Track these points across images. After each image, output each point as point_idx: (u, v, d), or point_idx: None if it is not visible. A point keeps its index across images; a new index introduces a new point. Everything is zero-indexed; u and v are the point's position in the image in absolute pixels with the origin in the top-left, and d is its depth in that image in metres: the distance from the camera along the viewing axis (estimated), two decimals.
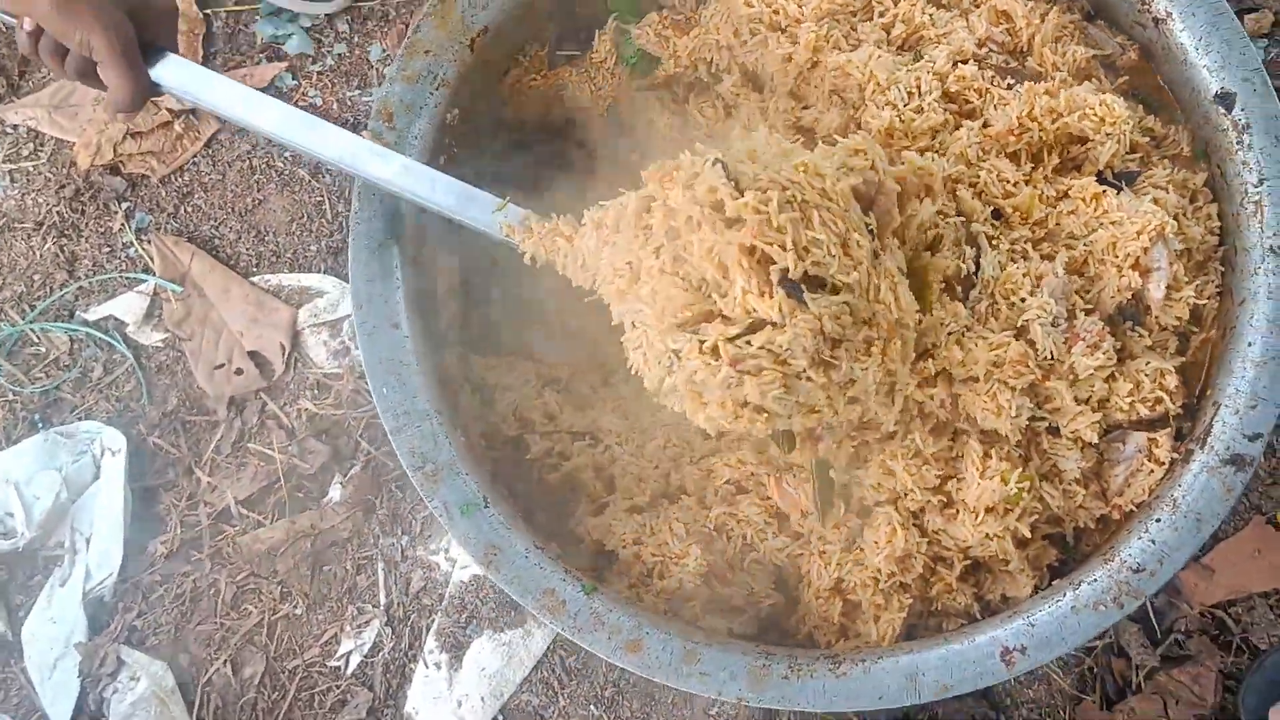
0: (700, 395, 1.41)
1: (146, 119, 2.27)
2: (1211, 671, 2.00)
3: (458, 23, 1.75)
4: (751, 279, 1.32)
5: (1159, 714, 1.98)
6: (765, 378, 1.35)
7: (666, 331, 1.38)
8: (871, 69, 1.68)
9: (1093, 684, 2.03)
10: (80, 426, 2.20)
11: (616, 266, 1.43)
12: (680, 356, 1.38)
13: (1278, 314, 1.63)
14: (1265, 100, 1.69)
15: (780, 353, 1.34)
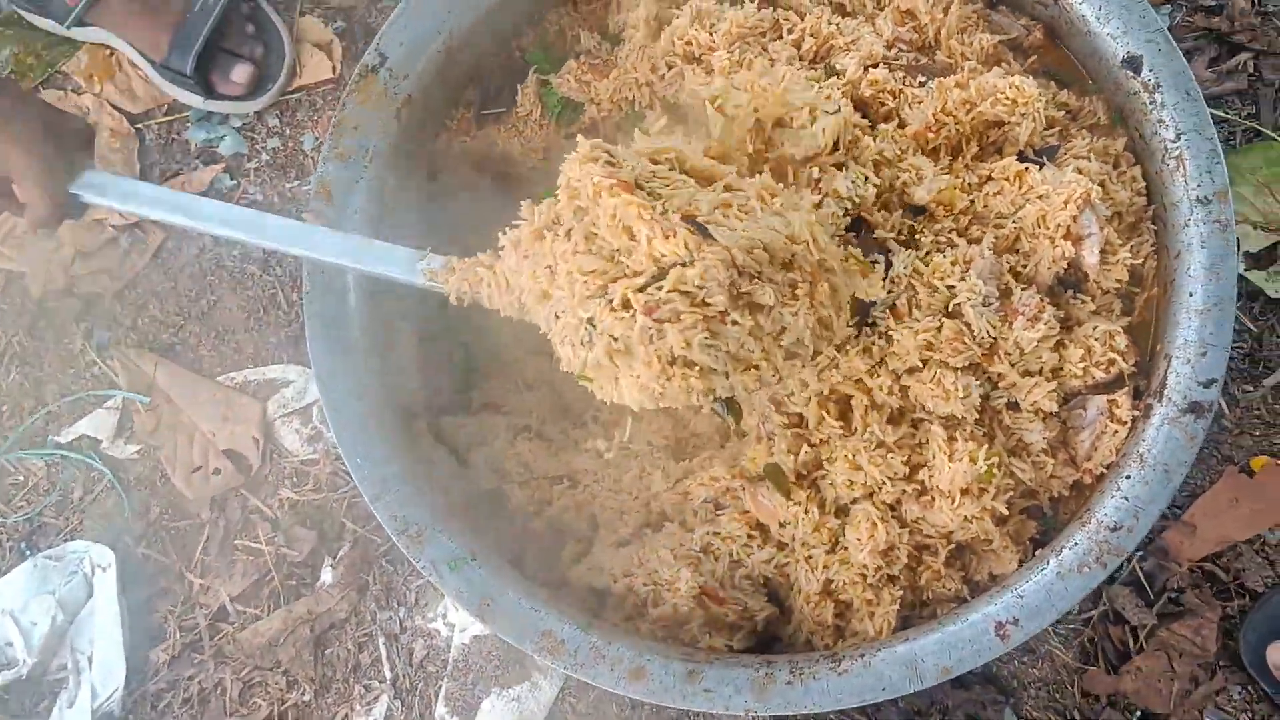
0: (626, 359, 1.37)
1: (92, 238, 2.29)
2: (1212, 621, 2.02)
3: (381, 96, 1.79)
4: (655, 226, 1.33)
5: (1165, 668, 2.00)
6: (686, 321, 1.32)
7: (579, 304, 1.37)
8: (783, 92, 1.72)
9: (1095, 654, 2.05)
10: (68, 548, 2.20)
11: (536, 273, 1.44)
12: (595, 323, 1.36)
13: (1213, 261, 1.67)
14: (1171, 58, 1.74)
15: (695, 291, 1.32)
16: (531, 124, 1.93)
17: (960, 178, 1.73)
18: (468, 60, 1.92)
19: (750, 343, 1.37)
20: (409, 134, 1.85)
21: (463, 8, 1.83)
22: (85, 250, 2.29)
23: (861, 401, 1.69)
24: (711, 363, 1.36)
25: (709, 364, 1.36)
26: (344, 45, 2.35)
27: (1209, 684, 2.00)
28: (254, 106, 2.32)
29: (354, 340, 1.74)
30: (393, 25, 1.80)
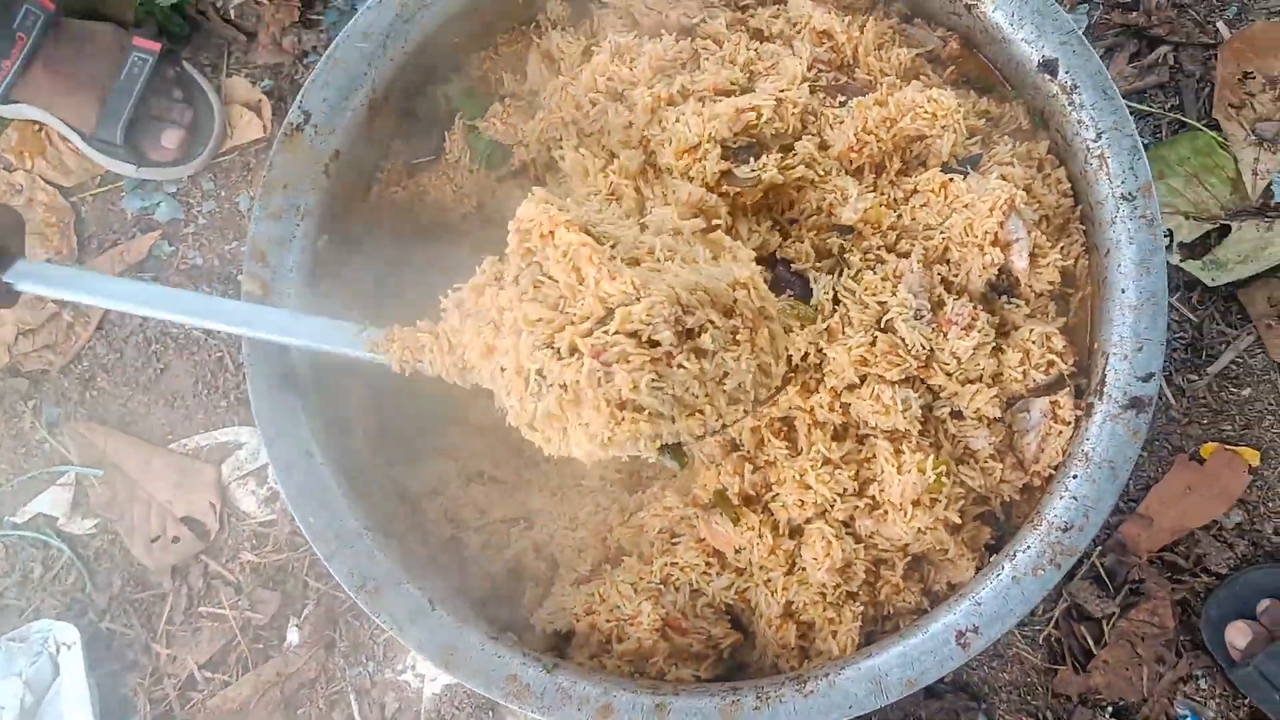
0: (576, 407, 1.37)
1: (35, 315, 2.29)
2: (1165, 600, 2.04)
3: (307, 152, 1.79)
4: (603, 269, 1.34)
5: (1130, 656, 2.02)
6: (633, 362, 1.33)
7: (527, 356, 1.37)
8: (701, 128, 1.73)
9: (1061, 652, 2.06)
10: (32, 628, 2.19)
11: (480, 329, 1.45)
12: (544, 374, 1.36)
13: (1143, 256, 1.68)
14: (1086, 59, 1.75)
15: (641, 329, 1.33)
16: (461, 170, 1.93)
17: (885, 194, 1.74)
18: (392, 111, 1.92)
19: (695, 387, 1.38)
20: (339, 189, 1.84)
21: (383, 60, 1.83)
22: (27, 327, 2.29)
23: (804, 421, 1.70)
24: (659, 406, 1.36)
25: (656, 408, 1.36)
26: (273, 103, 2.36)
27: (1175, 666, 2.02)
28: (187, 171, 2.32)
29: (299, 398, 1.73)
30: (314, 82, 1.80)
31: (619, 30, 1.88)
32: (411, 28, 1.85)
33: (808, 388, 1.69)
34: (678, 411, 1.39)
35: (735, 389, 1.42)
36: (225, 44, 2.39)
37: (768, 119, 1.70)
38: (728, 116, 1.69)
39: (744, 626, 1.77)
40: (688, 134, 1.68)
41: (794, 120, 1.72)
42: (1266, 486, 2.11)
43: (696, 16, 1.86)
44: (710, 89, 1.75)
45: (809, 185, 1.72)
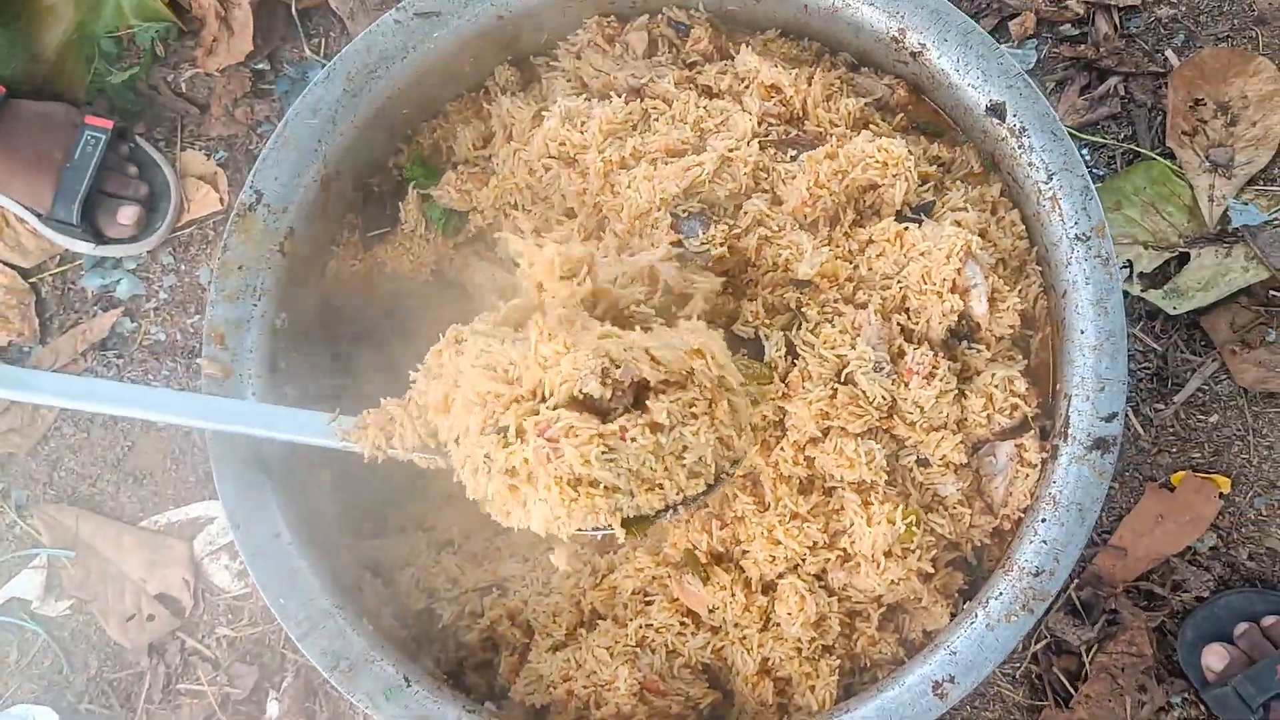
0: (528, 486, 1.38)
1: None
2: (1143, 629, 2.04)
3: (261, 232, 1.79)
4: (543, 332, 1.35)
5: (1112, 689, 2.01)
6: (581, 435, 1.34)
7: (475, 441, 1.39)
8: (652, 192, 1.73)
9: (1043, 688, 2.06)
10: (10, 713, 2.18)
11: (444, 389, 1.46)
12: (490, 457, 1.38)
13: (1099, 296, 1.68)
14: (1034, 101, 1.75)
15: (581, 396, 1.35)
16: (418, 239, 1.93)
17: (841, 247, 1.74)
18: (346, 186, 1.91)
19: (651, 461, 1.38)
20: (295, 267, 1.84)
21: (333, 135, 1.82)
22: None
23: (769, 475, 1.70)
24: (613, 480, 1.37)
25: (611, 481, 1.37)
26: (228, 174, 2.35)
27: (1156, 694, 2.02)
28: (145, 247, 2.31)
29: (265, 477, 1.72)
30: (265, 161, 1.80)
31: (568, 93, 1.88)
32: (360, 101, 1.85)
33: (768, 445, 1.70)
34: (635, 485, 1.39)
35: (695, 463, 1.42)
36: (178, 118, 2.39)
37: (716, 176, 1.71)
38: (675, 177, 1.69)
39: (722, 685, 1.77)
40: (639, 200, 1.68)
41: (746, 179, 1.73)
42: (1239, 512, 2.11)
43: (644, 76, 1.86)
44: (662, 150, 1.75)
45: (764, 242, 1.72)
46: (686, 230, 1.70)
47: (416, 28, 1.86)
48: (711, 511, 1.74)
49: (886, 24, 1.83)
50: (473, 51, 1.93)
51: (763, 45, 1.93)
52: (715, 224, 1.70)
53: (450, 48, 1.89)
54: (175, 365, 2.30)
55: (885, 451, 1.67)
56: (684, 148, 1.77)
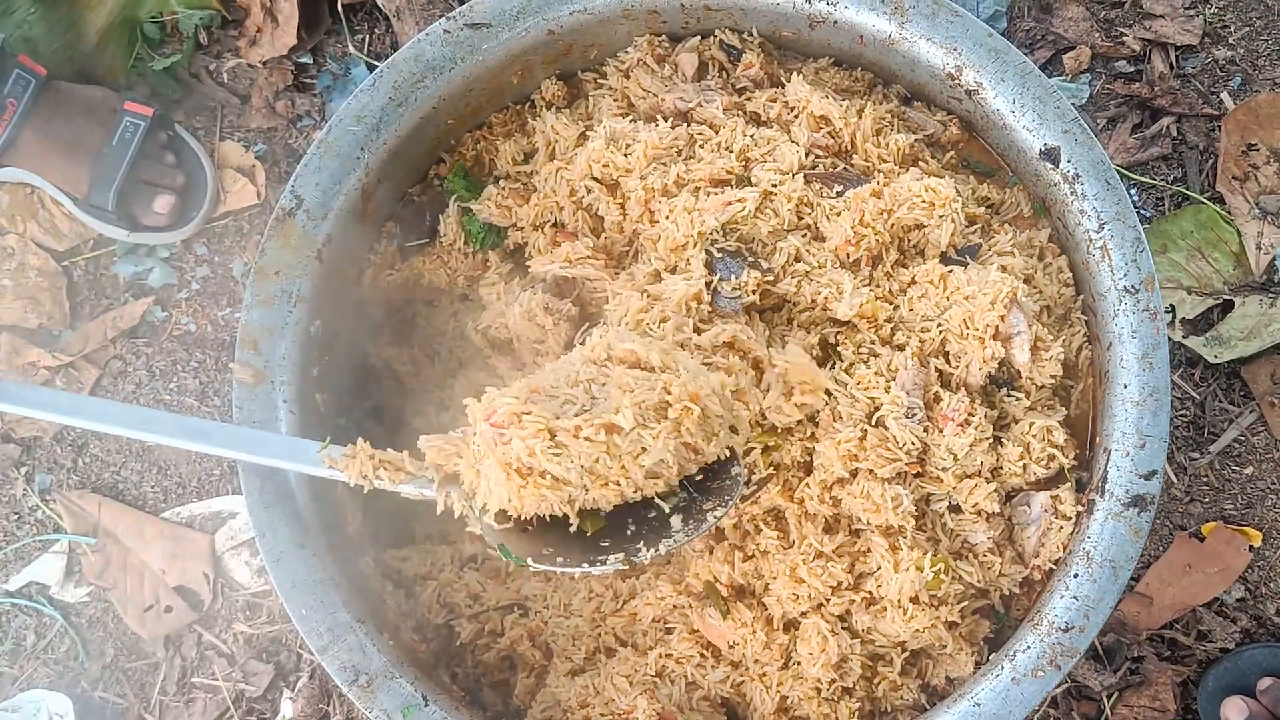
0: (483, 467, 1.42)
1: (27, 381, 2.27)
2: (1167, 685, 2.02)
3: (300, 238, 1.77)
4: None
5: None
6: (528, 428, 1.35)
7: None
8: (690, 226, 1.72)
9: None
10: (25, 697, 2.18)
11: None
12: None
13: (1145, 350, 1.66)
14: (1089, 148, 1.73)
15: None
16: (456, 253, 1.91)
17: (882, 287, 1.72)
18: (386, 194, 1.90)
19: (606, 459, 1.38)
20: (332, 274, 1.82)
21: (376, 144, 1.81)
22: None
23: (794, 512, 1.68)
24: (563, 474, 1.38)
25: (560, 474, 1.38)
26: (266, 167, 2.34)
27: None
28: (179, 236, 2.30)
29: (291, 486, 1.71)
30: (306, 166, 1.78)
31: (614, 113, 1.86)
32: (405, 111, 1.83)
33: (789, 486, 1.68)
34: (589, 480, 1.40)
35: (655, 464, 1.42)
36: (218, 107, 2.37)
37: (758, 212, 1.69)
38: (715, 210, 1.68)
39: (740, 719, 1.75)
40: (675, 233, 1.67)
41: (789, 214, 1.71)
42: (1269, 566, 2.09)
43: (693, 100, 1.84)
44: (706, 179, 1.73)
45: (803, 279, 1.70)
46: (721, 270, 1.68)
47: (466, 39, 1.84)
48: (734, 543, 1.73)
49: (943, 60, 1.80)
50: (520, 65, 1.91)
51: (814, 74, 1.91)
52: (750, 270, 1.68)
53: (498, 60, 1.87)
54: (204, 357, 2.29)
55: (914, 496, 1.65)
56: (728, 177, 1.75)
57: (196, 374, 2.29)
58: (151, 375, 2.29)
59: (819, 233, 1.74)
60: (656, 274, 1.75)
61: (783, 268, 1.71)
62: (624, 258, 1.83)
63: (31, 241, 2.33)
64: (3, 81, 2.10)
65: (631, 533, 1.61)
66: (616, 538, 1.57)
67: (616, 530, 1.56)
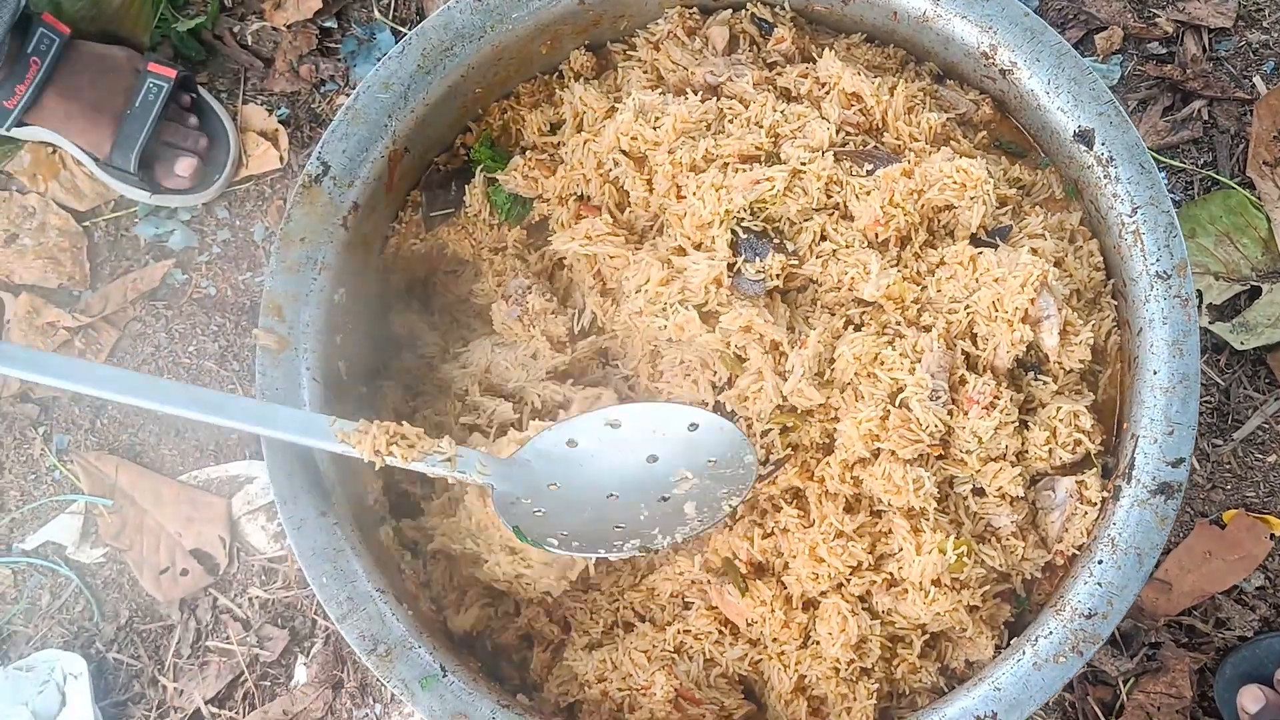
0: None
1: (46, 341, 2.27)
2: (1184, 672, 2.02)
3: (326, 205, 1.76)
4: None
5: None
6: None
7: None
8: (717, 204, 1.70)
9: (1076, 718, 2.04)
10: (39, 657, 2.18)
11: None
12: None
13: (1176, 337, 1.65)
14: (1124, 130, 1.71)
15: None
16: (481, 223, 1.90)
17: (909, 268, 1.71)
18: (412, 163, 1.89)
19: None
20: (356, 242, 1.81)
21: (403, 112, 1.79)
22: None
23: (815, 491, 1.67)
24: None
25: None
26: (289, 131, 2.33)
27: None
28: (201, 199, 2.29)
29: (312, 455, 1.70)
30: (334, 133, 1.77)
31: (643, 85, 1.85)
32: (433, 78, 1.81)
33: (808, 467, 1.67)
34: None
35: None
36: (241, 70, 2.36)
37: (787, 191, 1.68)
38: (743, 188, 1.66)
39: (757, 697, 1.75)
40: (702, 210, 1.66)
41: (818, 193, 1.69)
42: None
43: (723, 74, 1.83)
44: (734, 155, 1.72)
45: (829, 259, 1.69)
46: (746, 251, 1.67)
47: (496, 7, 1.82)
48: (754, 519, 1.72)
49: (978, 38, 1.78)
50: (550, 34, 1.89)
51: (846, 50, 1.89)
52: (775, 253, 1.67)
53: (528, 29, 1.86)
54: (224, 321, 2.28)
55: (937, 479, 1.64)
56: (757, 153, 1.73)
57: (216, 338, 2.28)
58: (171, 338, 2.28)
59: (847, 212, 1.72)
60: (680, 250, 1.74)
61: (809, 247, 1.70)
62: (647, 234, 1.81)
63: (53, 201, 2.33)
64: (27, 41, 2.09)
65: (645, 518, 1.61)
66: (631, 524, 1.57)
67: (630, 516, 1.57)
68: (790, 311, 1.72)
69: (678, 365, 1.76)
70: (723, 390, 1.74)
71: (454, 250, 1.92)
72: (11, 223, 2.30)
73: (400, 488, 1.88)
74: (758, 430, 1.71)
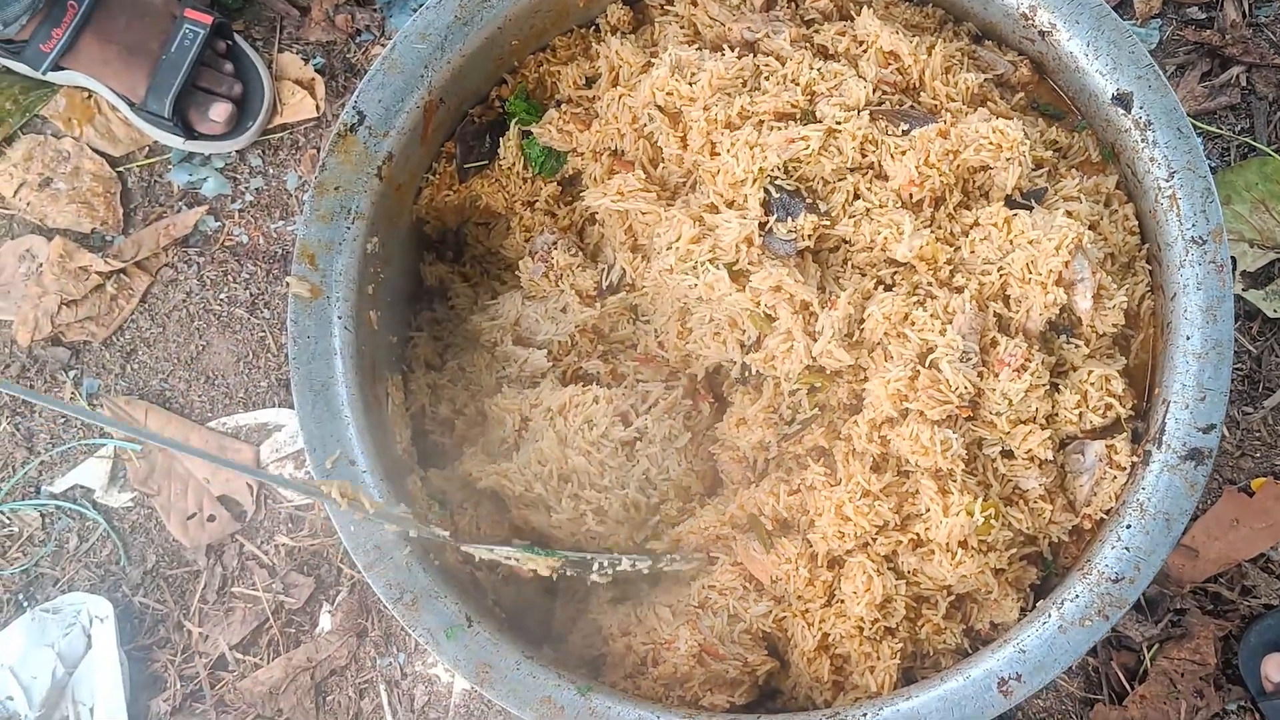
0: None
1: (79, 286, 2.27)
2: (1209, 639, 2.02)
3: (361, 154, 1.76)
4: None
5: (1169, 692, 2.00)
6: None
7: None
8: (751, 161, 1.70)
9: (1099, 682, 2.05)
10: (65, 599, 2.19)
11: None
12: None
13: (1209, 303, 1.64)
14: (1162, 94, 1.70)
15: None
16: (515, 176, 1.90)
17: (943, 228, 1.70)
18: (448, 114, 1.88)
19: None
20: (390, 192, 1.81)
21: (440, 63, 1.79)
22: (70, 298, 2.27)
23: (842, 449, 1.68)
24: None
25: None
26: (325, 80, 2.32)
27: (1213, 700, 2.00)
28: (235, 145, 2.29)
29: (342, 403, 1.71)
30: (370, 82, 1.77)
31: (680, 41, 1.84)
32: (470, 29, 1.81)
33: (834, 428, 1.68)
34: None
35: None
36: (277, 19, 2.36)
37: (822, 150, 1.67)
38: (778, 146, 1.66)
39: (780, 654, 1.76)
40: (735, 168, 1.65)
41: (853, 152, 1.68)
42: None
43: (760, 31, 1.82)
44: (770, 112, 1.71)
45: (863, 218, 1.68)
46: (778, 210, 1.67)
47: None
48: (780, 476, 1.73)
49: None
50: None
51: (885, 8, 1.88)
52: (808, 213, 1.67)
53: None
54: (256, 269, 2.29)
55: (965, 440, 1.64)
56: (793, 111, 1.73)
57: (247, 285, 2.29)
58: (202, 285, 2.29)
59: (881, 171, 1.72)
60: (712, 207, 1.74)
61: (842, 207, 1.69)
62: (679, 191, 1.81)
63: (88, 146, 2.33)
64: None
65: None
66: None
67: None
68: (821, 272, 1.72)
69: (707, 324, 1.76)
70: (750, 351, 1.74)
71: (487, 203, 1.92)
72: (46, 167, 2.30)
73: (430, 438, 1.89)
74: (785, 390, 1.72)
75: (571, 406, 1.74)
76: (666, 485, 1.78)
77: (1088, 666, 2.06)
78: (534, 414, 1.77)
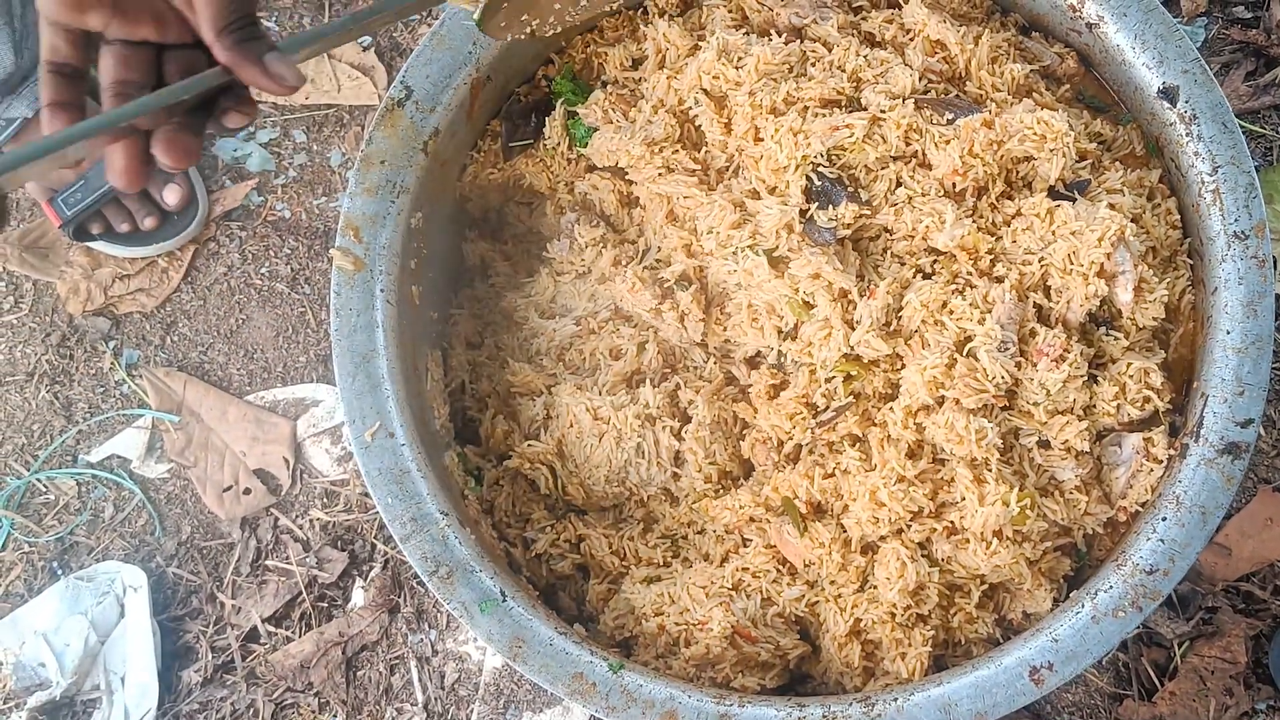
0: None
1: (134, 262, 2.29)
2: (1240, 637, 2.01)
3: (408, 129, 1.77)
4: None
5: (1198, 689, 2.00)
6: None
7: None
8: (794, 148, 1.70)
9: (1129, 678, 2.05)
10: (99, 568, 2.21)
11: None
12: None
13: (1251, 298, 1.64)
14: (1208, 89, 1.70)
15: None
16: (559, 156, 1.90)
17: (985, 218, 1.70)
18: (494, 92, 1.89)
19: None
20: (435, 168, 1.83)
21: (488, 39, 1.80)
22: (125, 273, 2.29)
23: (877, 435, 1.68)
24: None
25: None
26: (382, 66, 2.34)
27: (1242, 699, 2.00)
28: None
29: (383, 376, 1.72)
30: (418, 57, 1.78)
31: (727, 25, 1.84)
32: None
33: (869, 416, 1.68)
34: None
35: None
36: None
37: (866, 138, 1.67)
38: (822, 134, 1.66)
39: (812, 639, 1.76)
40: (779, 154, 1.66)
41: (897, 141, 1.69)
42: None
43: (808, 17, 1.82)
44: (815, 99, 1.71)
45: (905, 205, 1.69)
46: (820, 198, 1.67)
47: None
48: (815, 460, 1.73)
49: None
50: None
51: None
52: (849, 202, 1.67)
53: None
54: (297, 244, 2.30)
55: (1001, 430, 1.65)
56: (838, 98, 1.73)
57: (289, 260, 2.30)
58: (244, 259, 2.31)
59: (925, 160, 1.72)
60: (754, 193, 1.74)
61: (883, 195, 1.70)
62: (722, 175, 1.81)
63: None
64: None
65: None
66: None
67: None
68: (860, 260, 1.72)
69: (745, 309, 1.77)
70: (788, 339, 1.74)
71: (530, 182, 1.93)
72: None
73: (468, 414, 1.90)
74: (821, 377, 1.72)
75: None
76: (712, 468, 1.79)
77: (1117, 662, 2.06)
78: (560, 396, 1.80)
